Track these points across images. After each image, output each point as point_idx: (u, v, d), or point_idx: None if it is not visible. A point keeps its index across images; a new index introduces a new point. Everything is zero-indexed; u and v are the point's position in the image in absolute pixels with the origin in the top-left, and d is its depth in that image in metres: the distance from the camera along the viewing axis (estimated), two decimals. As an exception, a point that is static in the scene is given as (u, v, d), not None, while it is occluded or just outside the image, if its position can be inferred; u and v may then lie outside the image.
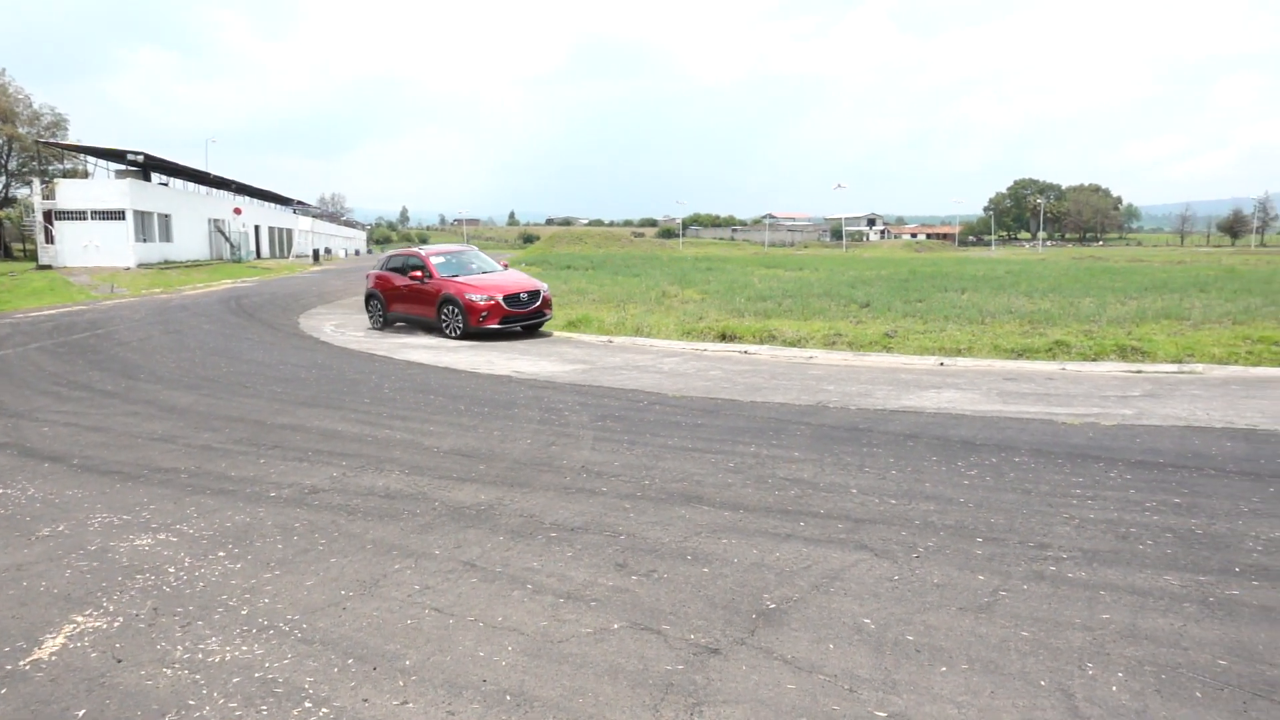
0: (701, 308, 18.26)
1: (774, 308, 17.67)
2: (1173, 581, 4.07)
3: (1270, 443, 6.75)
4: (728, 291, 22.12)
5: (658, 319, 16.28)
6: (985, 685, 3.17)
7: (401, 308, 16.64)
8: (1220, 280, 24.51)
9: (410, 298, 16.30)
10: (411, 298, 16.28)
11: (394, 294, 16.71)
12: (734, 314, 16.77)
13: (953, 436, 7.15)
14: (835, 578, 4.20)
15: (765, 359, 12.47)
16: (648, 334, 15.04)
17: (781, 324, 14.91)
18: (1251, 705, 2.99)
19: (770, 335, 13.98)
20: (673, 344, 14.00)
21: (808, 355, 12.56)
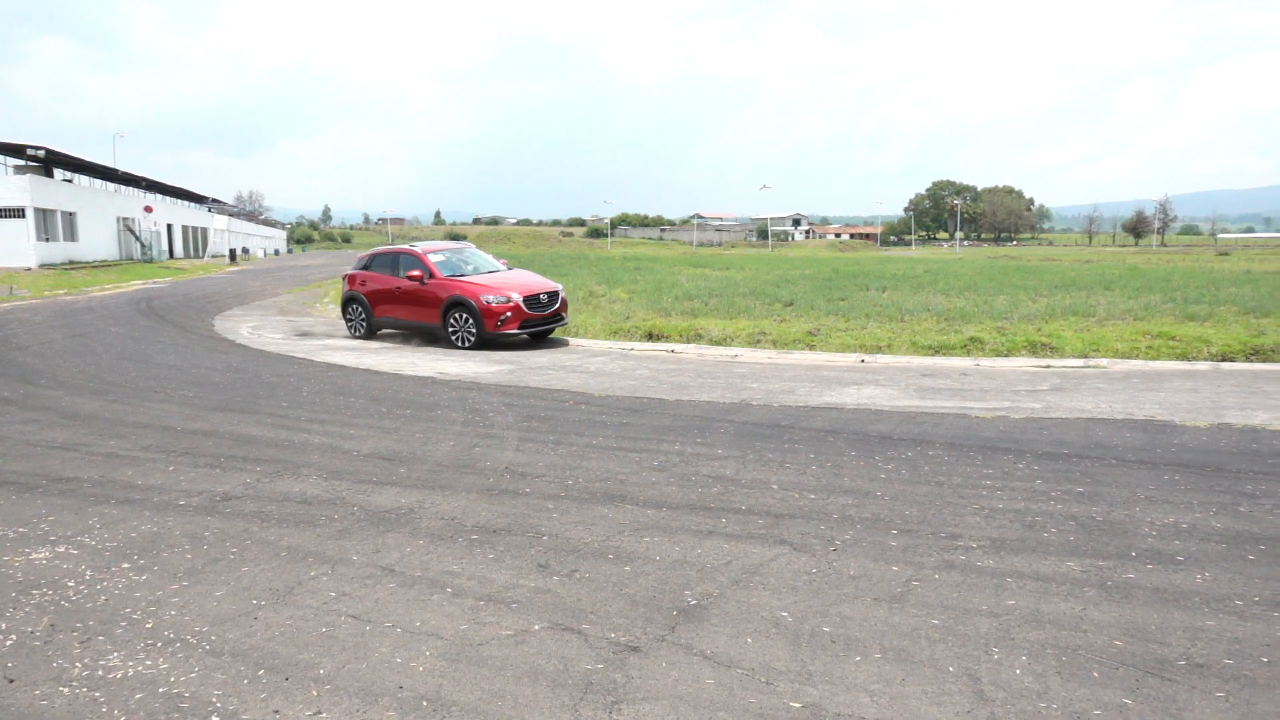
0: (629, 307, 18.31)
1: (701, 307, 17.80)
2: (1074, 567, 4.25)
3: (1166, 432, 7.10)
4: (655, 291, 22.21)
5: (585, 319, 16.25)
6: (897, 673, 3.25)
7: (393, 313, 14.83)
8: (1124, 278, 25.64)
9: (405, 301, 14.50)
10: (407, 301, 14.46)
11: (382, 297, 14.88)
12: (661, 313, 16.85)
13: (871, 432, 7.32)
14: (755, 573, 4.26)
15: (692, 358, 12.56)
16: (575, 334, 15.00)
17: (708, 323, 15.04)
18: (1144, 683, 3.14)
19: (697, 334, 14.09)
20: (599, 343, 14.00)
21: (733, 354, 12.70)
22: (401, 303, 14.63)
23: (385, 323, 15.13)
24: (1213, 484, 5.59)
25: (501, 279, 14.32)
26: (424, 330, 14.56)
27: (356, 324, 15.44)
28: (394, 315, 14.87)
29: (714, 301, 18.63)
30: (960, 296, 19.58)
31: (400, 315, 14.77)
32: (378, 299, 14.99)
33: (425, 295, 14.16)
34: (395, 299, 14.70)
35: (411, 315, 14.56)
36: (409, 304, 14.49)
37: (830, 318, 15.74)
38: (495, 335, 13.44)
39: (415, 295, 14.32)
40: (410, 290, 14.38)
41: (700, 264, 42.45)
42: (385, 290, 14.86)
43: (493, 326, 13.41)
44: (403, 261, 14.82)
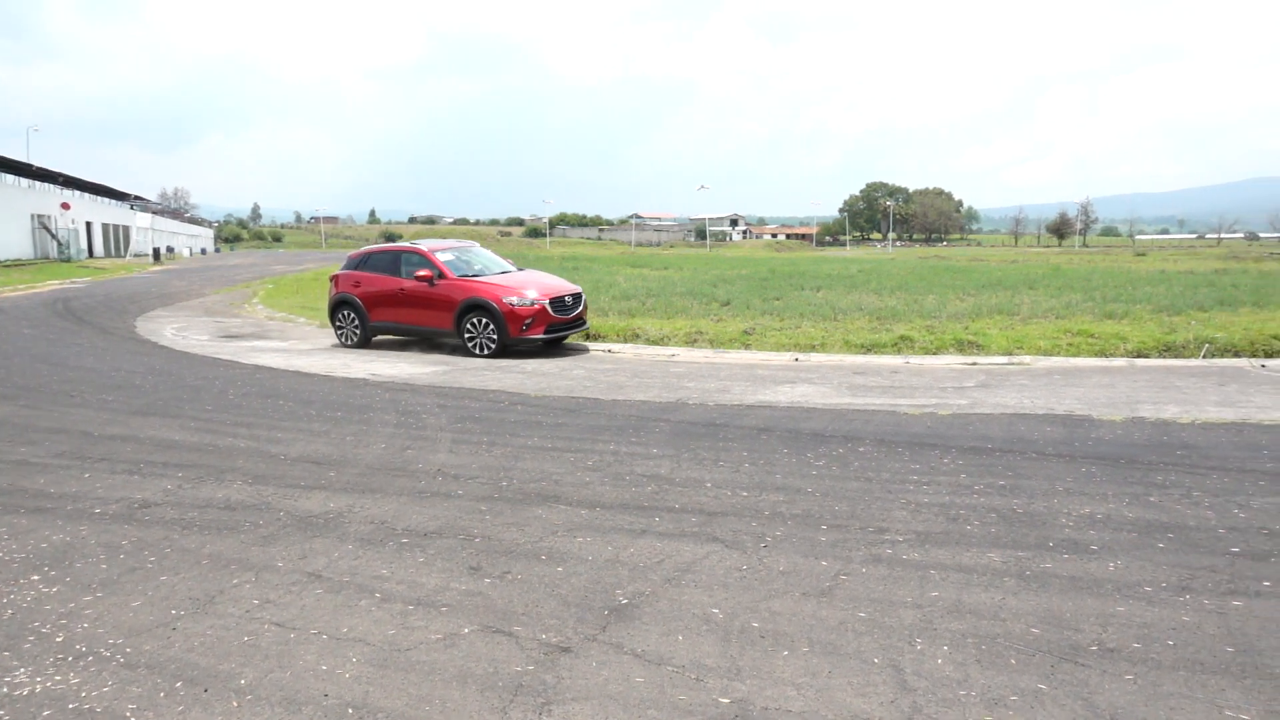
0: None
1: (638, 306, 17.84)
2: (995, 558, 4.37)
3: (1084, 427, 7.36)
4: (593, 291, 22.16)
5: (522, 319, 16.14)
6: (824, 666, 3.31)
7: (394, 317, 13.50)
8: (1047, 278, 26.48)
9: (410, 304, 13.21)
10: (412, 304, 13.18)
11: (380, 300, 13.53)
12: (599, 313, 16.82)
13: (804, 429, 7.43)
14: (687, 570, 4.29)
15: (628, 357, 12.58)
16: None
17: (645, 323, 15.08)
18: (1058, 668, 3.25)
19: (634, 334, 14.12)
20: (536, 344, 13.91)
21: (670, 353, 12.76)
22: (405, 306, 13.32)
23: (384, 328, 13.76)
24: (1126, 475, 5.81)
25: (519, 279, 13.34)
26: (432, 336, 13.40)
27: (348, 331, 13.93)
28: (395, 320, 13.54)
29: (651, 301, 18.69)
30: (892, 296, 19.98)
31: (404, 320, 13.46)
32: (375, 302, 13.60)
33: (435, 298, 12.94)
34: (398, 302, 13.36)
35: (418, 320, 13.30)
36: (415, 307, 13.21)
37: (766, 317, 15.92)
38: (518, 340, 12.44)
39: (423, 298, 13.05)
40: (416, 292, 13.10)
41: (638, 264, 42.53)
42: (385, 293, 13.50)
43: (517, 331, 12.35)
44: (405, 261, 13.57)
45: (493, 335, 12.42)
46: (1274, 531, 4.66)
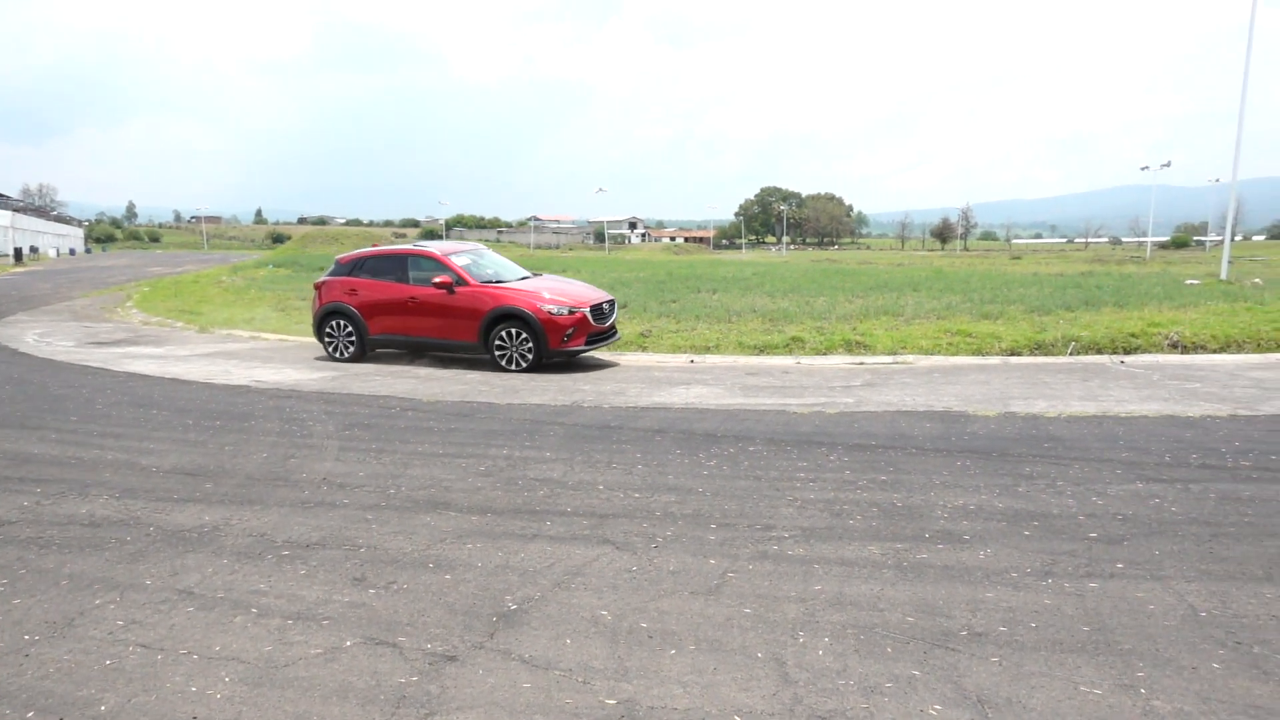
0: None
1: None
2: (875, 551, 4.53)
3: (960, 422, 7.71)
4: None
5: (415, 322, 15.81)
6: (709, 663, 3.35)
7: (401, 328, 12.07)
8: (930, 280, 27.65)
9: (423, 314, 11.86)
10: (426, 314, 11.84)
11: (383, 309, 12.12)
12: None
13: (697, 430, 7.53)
14: (577, 573, 4.28)
15: (525, 360, 12.48)
16: (404, 338, 14.56)
17: (542, 325, 14.98)
18: (930, 654, 3.39)
19: (530, 337, 14.01)
20: (430, 348, 13.65)
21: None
22: (416, 316, 11.92)
23: (386, 341, 12.30)
24: (997, 468, 6.12)
25: (548, 286, 12.24)
26: (449, 349, 12.01)
27: (341, 343, 12.34)
28: (402, 332, 12.11)
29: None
30: (784, 298, 20.47)
31: (414, 331, 12.03)
32: (376, 311, 12.16)
33: (455, 307, 11.62)
34: (405, 311, 11.97)
35: (432, 331, 11.91)
36: (429, 317, 11.85)
37: (663, 319, 16.06)
38: (557, 353, 11.31)
39: (439, 307, 11.73)
40: (431, 301, 11.77)
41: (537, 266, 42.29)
42: (389, 301, 12.08)
43: (557, 343, 11.22)
44: (414, 265, 12.21)
45: (528, 347, 11.23)
46: (1127, 517, 4.99)
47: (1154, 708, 2.99)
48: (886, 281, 27.12)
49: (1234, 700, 3.03)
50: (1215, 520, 4.91)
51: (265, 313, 18.92)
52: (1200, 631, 3.56)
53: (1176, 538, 4.64)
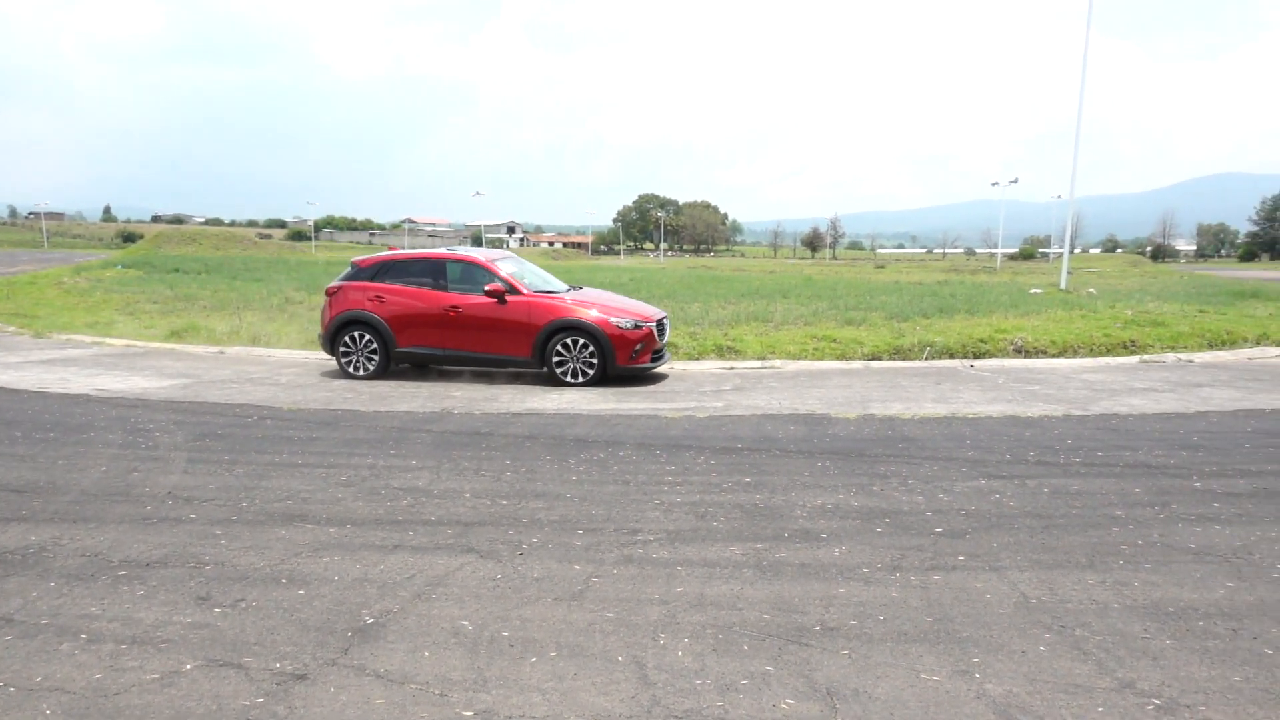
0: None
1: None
2: (737, 551, 4.64)
3: (822, 424, 8.00)
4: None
5: (279, 327, 15.16)
6: (570, 669, 3.35)
7: (437, 341, 10.88)
8: (800, 287, 28.61)
9: (465, 327, 10.74)
10: (469, 327, 10.73)
11: (417, 321, 10.89)
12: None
13: (568, 435, 7.52)
14: (439, 584, 4.19)
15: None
16: (266, 344, 13.93)
17: (413, 331, 14.63)
18: (785, 650, 3.50)
19: (401, 342, 13.66)
20: (294, 354, 13.12)
21: (438, 362, 12.46)
22: (458, 328, 10.78)
23: (417, 355, 11.09)
24: (855, 468, 6.38)
25: (601, 298, 11.47)
26: (493, 363, 10.92)
27: (360, 357, 10.98)
28: (438, 345, 10.92)
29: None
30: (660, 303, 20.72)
31: (454, 345, 10.87)
32: (407, 323, 10.92)
33: (507, 319, 10.63)
34: (445, 323, 10.79)
35: (477, 345, 10.80)
36: (474, 330, 10.75)
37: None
38: (626, 369, 10.57)
39: (488, 319, 10.68)
40: (478, 312, 10.69)
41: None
42: (424, 312, 10.89)
43: (625, 359, 10.48)
44: (455, 272, 11.08)
45: (591, 360, 10.49)
46: (970, 512, 5.30)
47: (986, 691, 3.18)
48: (759, 288, 27.87)
49: (1057, 680, 3.26)
50: (1047, 513, 5.28)
51: (112, 316, 17.69)
52: (1030, 617, 3.81)
53: (1013, 530, 4.96)
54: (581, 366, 10.49)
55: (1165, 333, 14.22)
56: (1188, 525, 5.03)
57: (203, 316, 16.91)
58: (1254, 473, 6.21)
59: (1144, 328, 14.62)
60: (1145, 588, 4.14)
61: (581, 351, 10.47)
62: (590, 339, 10.45)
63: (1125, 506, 5.39)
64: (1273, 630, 3.68)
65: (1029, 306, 18.86)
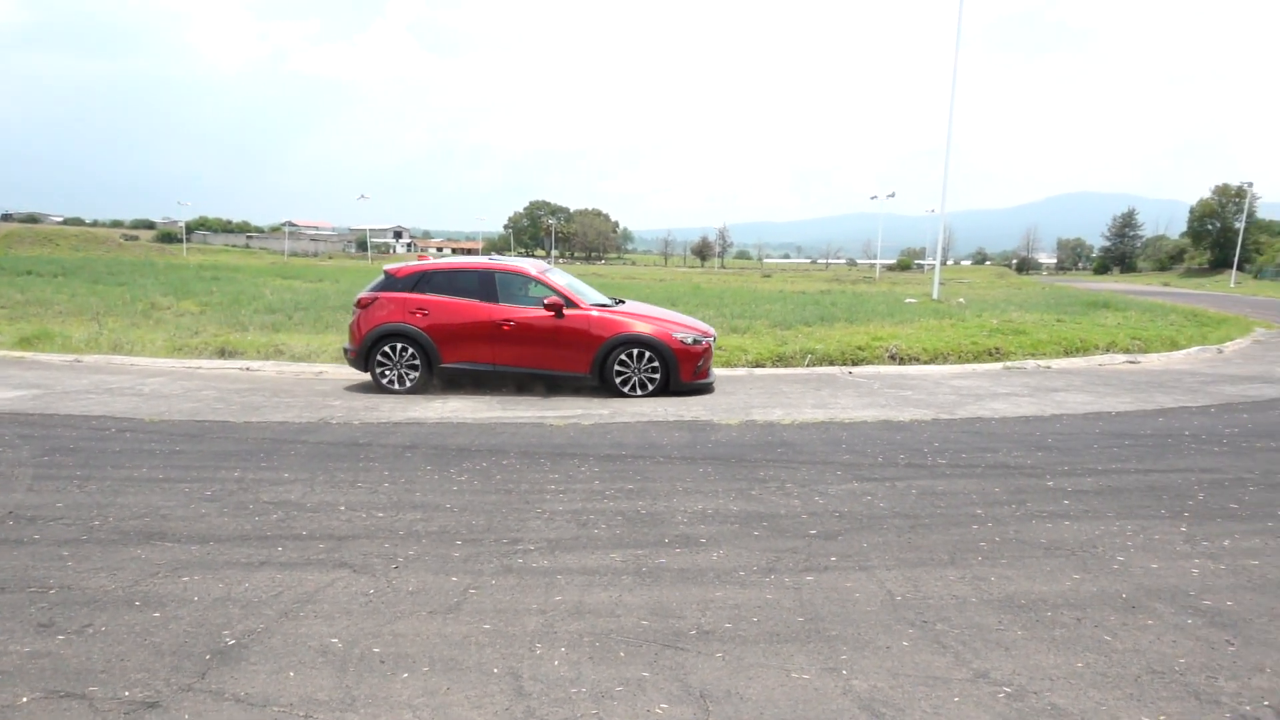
0: (199, 321, 16.50)
1: (285, 320, 16.66)
2: (617, 558, 4.65)
3: (706, 431, 8.13)
4: (233, 303, 20.31)
5: (142, 334, 14.30)
6: (443, 683, 3.28)
7: (488, 357, 10.40)
8: (688, 295, 29.01)
9: (520, 341, 10.34)
10: (523, 341, 10.34)
11: (465, 334, 10.39)
12: (237, 328, 15.44)
13: (450, 445, 7.38)
14: (308, 601, 4.04)
15: (270, 375, 11.69)
16: (128, 351, 13.14)
17: (292, 338, 14.10)
18: (661, 655, 3.53)
19: (278, 350, 13.14)
20: (159, 362, 12.41)
21: (317, 370, 12.05)
22: (512, 342, 10.36)
23: (464, 370, 10.51)
24: (735, 473, 6.50)
25: (651, 311, 11.26)
26: (550, 379, 10.55)
27: (399, 370, 10.42)
28: (489, 360, 10.44)
29: (300, 315, 17.55)
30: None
31: (506, 360, 10.42)
32: (454, 336, 10.42)
33: (565, 333, 10.32)
34: (498, 337, 10.36)
35: (532, 360, 10.42)
36: (530, 344, 10.37)
37: (423, 332, 15.63)
38: (689, 386, 10.46)
39: (546, 333, 10.33)
40: (535, 325, 10.34)
41: (291, 275, 39.78)
42: (474, 324, 10.41)
43: (689, 375, 10.38)
44: (507, 284, 10.67)
45: (653, 374, 10.32)
46: (843, 514, 5.48)
47: (852, 686, 3.29)
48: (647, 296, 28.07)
49: (918, 673, 3.40)
50: (915, 513, 5.51)
51: (-49, 323, 16.32)
52: (895, 614, 3.97)
53: (882, 530, 5.15)
54: (644, 379, 10.34)
55: (1026, 341, 15.10)
56: (1040, 522, 5.35)
57: (58, 322, 15.80)
58: (1100, 471, 6.66)
59: (1007, 336, 15.48)
60: (1001, 582, 4.38)
61: (644, 366, 10.32)
62: (654, 353, 10.29)
63: (985, 505, 5.69)
64: (1112, 618, 3.95)
65: (904, 315, 19.71)
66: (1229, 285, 66.67)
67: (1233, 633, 3.80)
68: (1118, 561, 4.68)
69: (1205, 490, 6.12)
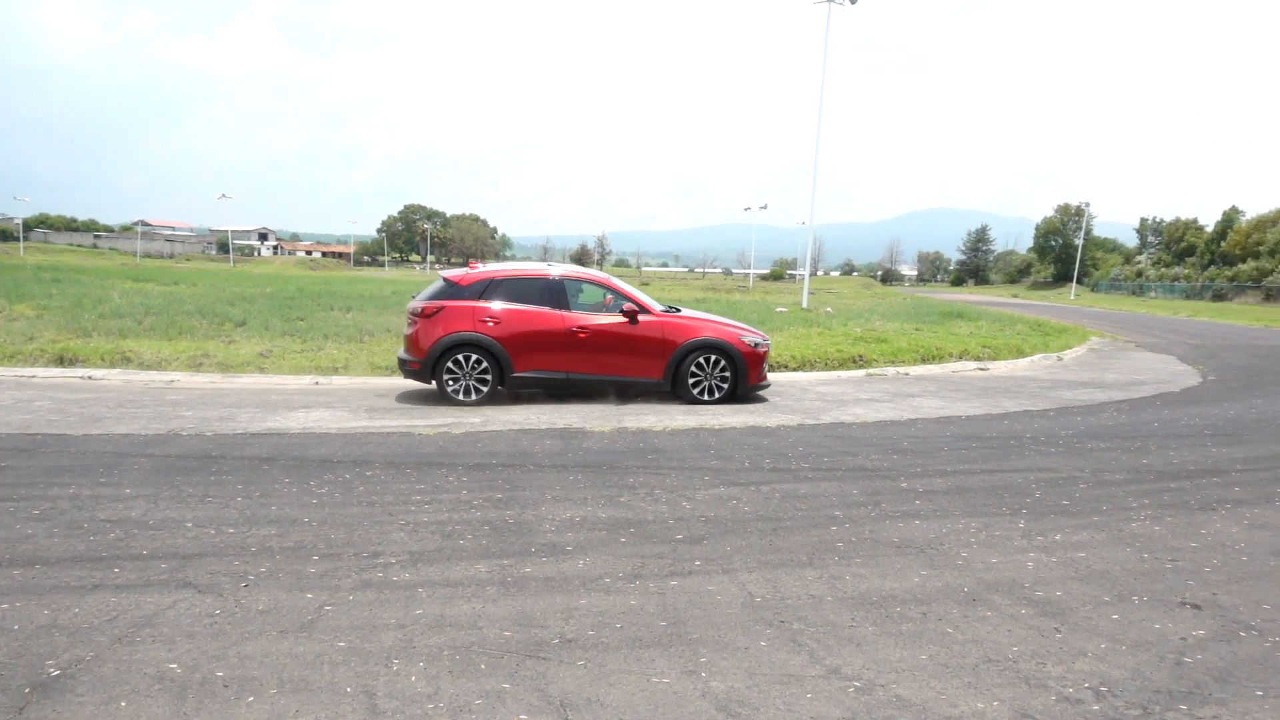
0: (35, 326, 15.26)
1: (134, 326, 15.62)
2: (482, 569, 4.58)
3: (578, 438, 8.12)
4: (76, 307, 18.90)
5: (-33, 340, 13.12)
6: (292, 706, 3.14)
7: (562, 365, 10.26)
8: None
9: (594, 349, 10.29)
10: (597, 349, 10.30)
11: (538, 343, 10.22)
12: (79, 334, 14.37)
13: (312, 456, 7.10)
14: (146, 624, 3.79)
15: (114, 384, 10.94)
16: (-50, 359, 12.03)
17: (140, 345, 13.24)
18: (523, 666, 3.49)
19: (124, 358, 12.32)
20: (-14, 371, 11.42)
21: (168, 379, 11.36)
22: (587, 350, 10.28)
23: (533, 380, 10.35)
24: (605, 480, 6.53)
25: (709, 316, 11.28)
26: (624, 386, 10.61)
27: (469, 382, 10.14)
28: (563, 369, 10.29)
29: (151, 320, 16.50)
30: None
31: (580, 368, 10.32)
32: (527, 346, 10.19)
33: (639, 340, 10.35)
34: (572, 345, 10.24)
35: (607, 368, 10.39)
36: (605, 352, 10.34)
37: (287, 338, 14.99)
38: (754, 389, 10.76)
39: (622, 340, 10.33)
40: (611, 333, 10.32)
41: (143, 277, 37.41)
42: (547, 333, 10.23)
43: (756, 378, 10.66)
44: (574, 291, 10.63)
45: (724, 379, 10.47)
46: (709, 518, 5.58)
47: (711, 688, 3.35)
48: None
49: (774, 672, 3.50)
50: (777, 516, 5.68)
51: None
52: (755, 615, 4.07)
53: (745, 534, 5.28)
54: (715, 384, 10.49)
55: (888, 348, 15.83)
56: (894, 521, 5.61)
57: None
58: (949, 472, 7.04)
59: (871, 344, 16.19)
60: (855, 580, 4.56)
61: (715, 370, 10.48)
62: (725, 358, 10.46)
63: (844, 507, 5.92)
64: (954, 611, 4.18)
65: (775, 323, 20.30)
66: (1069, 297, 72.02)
67: (1060, 620, 4.09)
68: (962, 557, 4.96)
69: (1042, 488, 6.57)
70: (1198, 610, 4.27)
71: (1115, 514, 5.93)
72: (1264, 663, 3.69)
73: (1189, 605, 4.33)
